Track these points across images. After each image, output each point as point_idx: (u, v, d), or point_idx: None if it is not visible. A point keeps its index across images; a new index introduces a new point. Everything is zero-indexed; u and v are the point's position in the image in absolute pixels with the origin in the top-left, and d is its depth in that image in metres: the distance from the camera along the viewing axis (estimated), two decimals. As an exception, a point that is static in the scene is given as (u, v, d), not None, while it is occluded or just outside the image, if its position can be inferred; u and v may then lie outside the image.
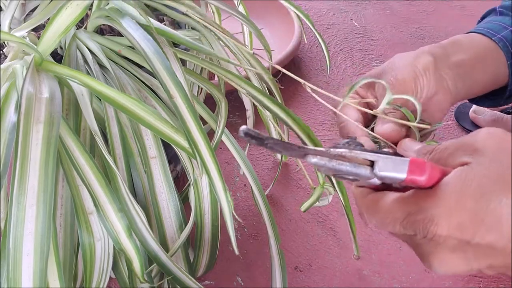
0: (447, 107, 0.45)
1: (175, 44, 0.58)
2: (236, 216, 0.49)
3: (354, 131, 0.42)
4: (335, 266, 0.66)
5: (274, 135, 0.69)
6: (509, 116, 0.80)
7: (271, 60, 0.71)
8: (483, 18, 0.55)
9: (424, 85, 0.43)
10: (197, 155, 0.42)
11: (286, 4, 0.68)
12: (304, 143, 0.50)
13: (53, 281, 0.39)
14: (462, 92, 0.45)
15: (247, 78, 0.58)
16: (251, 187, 0.56)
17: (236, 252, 0.46)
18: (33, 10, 0.55)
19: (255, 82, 0.60)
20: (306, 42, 1.11)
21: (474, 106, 0.85)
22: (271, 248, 0.55)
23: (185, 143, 0.43)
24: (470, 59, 0.46)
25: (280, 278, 0.54)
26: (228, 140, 0.55)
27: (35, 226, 0.35)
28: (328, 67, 0.77)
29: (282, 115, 0.51)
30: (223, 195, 0.44)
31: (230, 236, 0.46)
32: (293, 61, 1.05)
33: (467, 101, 0.55)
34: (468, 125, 0.85)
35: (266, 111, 0.52)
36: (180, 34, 0.49)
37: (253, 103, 0.63)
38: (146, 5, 0.56)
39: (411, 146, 0.38)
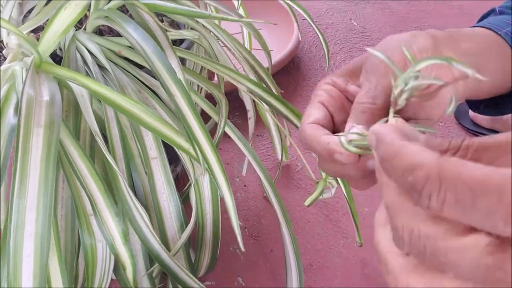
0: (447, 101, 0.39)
1: (174, 44, 0.58)
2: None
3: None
4: (336, 265, 0.66)
5: (274, 131, 0.69)
6: (509, 115, 0.80)
7: (270, 61, 0.71)
8: (482, 19, 0.49)
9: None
10: (199, 152, 0.42)
11: (284, 3, 0.68)
12: None
13: (55, 282, 0.39)
14: (467, 89, 0.39)
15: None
16: (258, 176, 0.56)
17: (242, 248, 0.46)
18: (30, 11, 0.54)
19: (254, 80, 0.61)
20: (300, 39, 1.11)
21: (473, 105, 0.85)
22: (283, 234, 0.55)
23: (186, 145, 0.43)
24: (477, 49, 0.40)
25: (295, 263, 0.54)
26: (233, 133, 0.56)
27: (35, 228, 0.35)
28: (327, 64, 0.77)
29: (282, 109, 0.52)
30: (226, 190, 0.44)
31: (235, 230, 0.46)
32: (293, 61, 1.05)
33: (470, 109, 0.51)
34: (468, 124, 0.85)
35: (265, 104, 0.52)
36: (173, 4, 0.48)
37: (254, 103, 0.64)
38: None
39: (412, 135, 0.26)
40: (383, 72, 0.35)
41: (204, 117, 0.64)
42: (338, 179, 0.52)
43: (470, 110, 0.86)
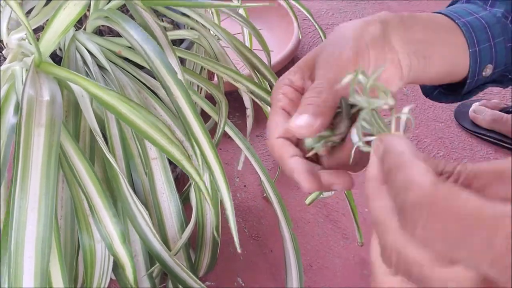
0: (398, 84, 0.38)
1: (174, 44, 0.58)
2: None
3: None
4: (336, 266, 0.66)
5: None
6: (509, 115, 0.80)
7: (270, 61, 0.71)
8: (451, 4, 0.49)
9: (370, 61, 0.36)
10: (199, 153, 0.42)
11: (284, 3, 0.68)
12: None
13: (56, 282, 0.39)
14: (415, 74, 0.38)
15: (249, 76, 0.58)
16: (258, 175, 0.56)
17: (239, 250, 0.46)
18: (30, 11, 0.54)
19: (256, 81, 0.61)
20: (300, 37, 1.11)
21: (473, 106, 0.85)
22: (283, 233, 0.55)
23: (179, 156, 0.43)
24: (428, 36, 0.39)
25: (295, 260, 0.54)
26: (232, 133, 0.56)
27: (36, 229, 0.35)
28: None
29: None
30: (225, 191, 0.44)
31: (232, 232, 0.46)
32: (293, 61, 1.05)
33: (423, 94, 0.49)
34: (467, 125, 0.85)
35: (268, 107, 0.52)
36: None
37: (253, 102, 0.64)
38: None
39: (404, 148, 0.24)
40: (332, 66, 0.35)
41: (204, 116, 0.64)
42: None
43: (470, 111, 0.86)
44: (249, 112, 0.66)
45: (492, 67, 0.42)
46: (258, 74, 0.58)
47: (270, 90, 0.56)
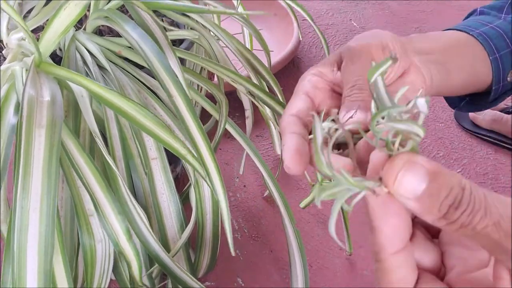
0: (419, 87, 0.38)
1: (173, 44, 0.58)
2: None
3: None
4: (335, 266, 0.65)
5: (275, 133, 0.70)
6: (509, 116, 0.80)
7: (270, 61, 0.71)
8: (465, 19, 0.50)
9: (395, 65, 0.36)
10: (197, 155, 0.42)
11: (284, 3, 0.68)
12: None
13: (61, 282, 0.39)
14: (437, 84, 0.39)
15: (248, 77, 0.58)
16: (262, 174, 0.56)
17: (233, 253, 0.46)
18: (30, 11, 0.54)
19: (255, 81, 0.61)
20: (301, 38, 1.11)
21: (473, 106, 0.85)
22: (286, 229, 0.55)
23: (183, 150, 0.43)
24: (441, 47, 0.40)
25: (299, 256, 0.54)
26: (234, 131, 0.56)
27: (39, 229, 0.35)
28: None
29: (280, 110, 0.52)
30: (221, 193, 0.44)
31: (227, 234, 0.46)
32: (293, 62, 1.05)
33: (450, 106, 0.50)
34: (468, 125, 0.85)
35: (267, 108, 0.52)
36: (170, 1, 0.48)
37: (252, 102, 0.64)
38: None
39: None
40: (363, 58, 0.34)
41: (205, 115, 0.64)
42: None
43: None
44: (249, 113, 0.66)
45: None
46: (257, 75, 0.59)
47: (268, 91, 0.57)
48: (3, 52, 0.52)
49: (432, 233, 0.27)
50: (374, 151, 0.24)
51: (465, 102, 0.48)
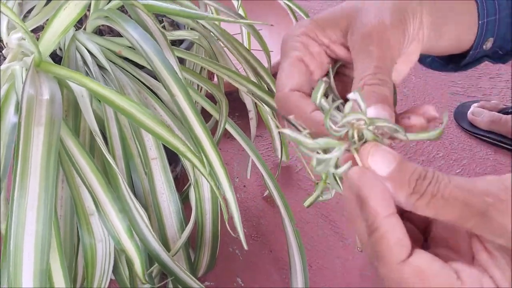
0: (415, 60, 0.36)
1: (173, 44, 0.58)
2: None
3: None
4: (335, 266, 0.66)
5: (274, 131, 0.70)
6: (508, 116, 0.80)
7: (270, 61, 0.71)
8: None
9: (410, 35, 0.33)
10: (200, 152, 0.42)
11: (284, 3, 0.68)
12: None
13: (58, 282, 0.39)
14: (428, 45, 0.36)
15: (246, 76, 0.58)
16: (262, 174, 0.56)
17: (245, 247, 0.46)
18: (30, 11, 0.54)
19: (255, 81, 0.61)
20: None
21: (472, 107, 0.85)
22: (286, 229, 0.55)
23: (182, 148, 0.43)
24: (446, 7, 0.37)
25: (299, 257, 0.54)
26: (234, 131, 0.56)
27: (35, 227, 0.35)
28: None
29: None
30: (228, 190, 0.44)
31: (237, 228, 0.46)
32: (292, 62, 1.05)
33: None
34: (466, 126, 0.85)
35: (267, 107, 0.52)
36: (169, 4, 0.48)
37: (255, 104, 0.64)
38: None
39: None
40: (385, 41, 0.30)
41: (205, 115, 0.64)
42: (338, 181, 0.51)
43: (468, 113, 0.86)
44: (252, 114, 0.66)
45: (493, 41, 0.41)
46: (257, 76, 0.59)
47: (268, 91, 0.57)
48: (3, 51, 0.52)
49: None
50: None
51: (431, 59, 0.45)
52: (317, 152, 0.28)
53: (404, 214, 0.27)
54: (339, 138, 0.27)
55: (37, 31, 0.56)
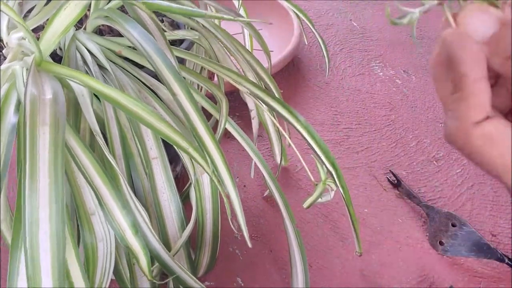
0: None
1: (173, 44, 0.58)
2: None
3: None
4: (335, 266, 0.66)
5: (272, 134, 0.70)
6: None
7: (270, 61, 0.71)
8: None
9: None
10: (204, 150, 0.42)
11: (284, 3, 0.68)
12: (305, 139, 0.51)
13: (76, 278, 0.39)
14: None
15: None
16: (262, 173, 0.57)
17: (249, 245, 0.46)
18: (30, 10, 0.54)
19: (254, 81, 0.61)
20: (306, 43, 1.11)
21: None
22: (287, 229, 0.55)
23: (184, 144, 0.43)
24: None
25: (300, 257, 0.54)
26: (235, 131, 0.56)
27: (49, 225, 0.35)
28: (327, 69, 0.78)
29: (282, 111, 0.52)
30: (232, 188, 0.44)
31: (241, 226, 0.46)
32: (293, 62, 1.05)
33: None
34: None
35: (265, 106, 0.52)
36: (169, 3, 0.48)
37: (256, 103, 0.64)
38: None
39: None
40: None
41: (205, 115, 0.64)
42: (337, 182, 0.52)
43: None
44: (254, 114, 0.65)
45: None
46: (256, 77, 0.59)
47: (267, 91, 0.57)
48: (3, 51, 0.52)
49: None
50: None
51: None
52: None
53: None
54: None
55: (37, 30, 0.56)
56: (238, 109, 0.92)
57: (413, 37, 0.44)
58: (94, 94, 0.47)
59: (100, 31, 0.59)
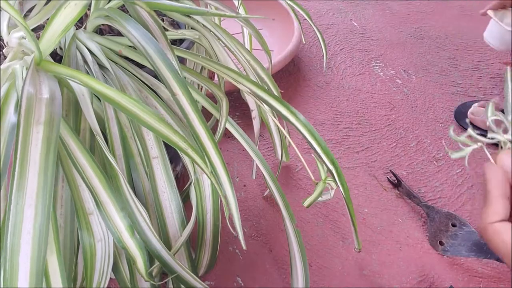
0: None
1: (174, 43, 0.58)
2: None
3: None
4: (335, 266, 0.66)
5: (274, 132, 0.69)
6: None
7: (270, 61, 0.71)
8: None
9: None
10: (202, 150, 0.42)
11: (284, 3, 0.68)
12: (305, 138, 0.51)
13: (55, 281, 0.38)
14: None
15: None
16: (262, 174, 0.57)
17: (244, 246, 0.46)
18: (30, 10, 0.54)
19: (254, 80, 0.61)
20: (304, 42, 1.11)
21: (472, 108, 0.86)
22: (287, 229, 0.56)
23: (184, 145, 0.43)
24: None
25: (300, 257, 0.54)
26: (235, 131, 0.56)
27: (33, 226, 0.35)
28: (325, 65, 0.77)
29: (282, 110, 0.52)
30: (229, 189, 0.44)
31: (236, 228, 0.46)
32: (293, 61, 1.05)
33: None
34: (466, 126, 0.85)
35: (266, 106, 0.52)
36: (170, 1, 0.48)
37: (257, 103, 0.64)
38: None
39: None
40: None
41: (205, 114, 0.64)
42: (337, 180, 0.52)
43: (468, 113, 0.86)
44: (255, 113, 0.65)
45: None
46: (256, 77, 0.59)
47: (268, 91, 0.56)
48: (3, 50, 0.52)
49: None
50: None
51: None
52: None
53: None
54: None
55: (38, 30, 0.56)
56: (238, 108, 0.92)
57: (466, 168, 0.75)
58: (94, 94, 0.47)
59: (100, 31, 0.59)
